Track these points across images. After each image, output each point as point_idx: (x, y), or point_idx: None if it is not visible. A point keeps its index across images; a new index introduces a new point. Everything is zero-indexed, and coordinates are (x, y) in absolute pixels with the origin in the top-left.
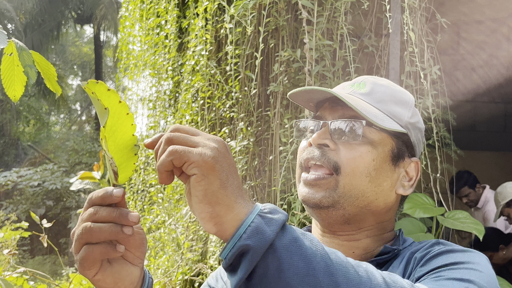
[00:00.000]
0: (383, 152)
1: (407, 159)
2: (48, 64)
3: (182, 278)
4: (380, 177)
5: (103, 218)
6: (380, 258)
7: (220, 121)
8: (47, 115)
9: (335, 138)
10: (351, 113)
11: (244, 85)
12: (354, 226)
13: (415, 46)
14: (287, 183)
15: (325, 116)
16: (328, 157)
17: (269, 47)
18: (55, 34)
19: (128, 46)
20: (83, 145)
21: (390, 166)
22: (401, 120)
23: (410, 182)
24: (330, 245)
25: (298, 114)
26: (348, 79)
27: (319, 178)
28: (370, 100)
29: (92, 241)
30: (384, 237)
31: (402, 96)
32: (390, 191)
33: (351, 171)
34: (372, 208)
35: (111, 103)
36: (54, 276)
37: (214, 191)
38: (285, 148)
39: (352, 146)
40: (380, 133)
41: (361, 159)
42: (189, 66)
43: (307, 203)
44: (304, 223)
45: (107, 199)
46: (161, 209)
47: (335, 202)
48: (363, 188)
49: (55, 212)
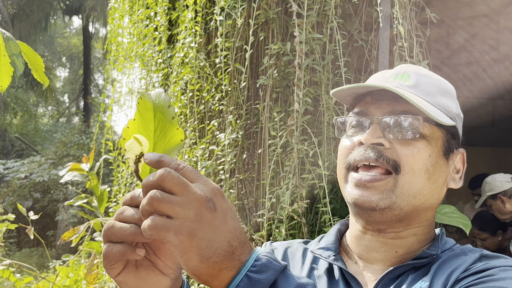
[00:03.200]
0: (436, 147)
1: (455, 151)
2: (35, 54)
3: None
4: (436, 173)
5: (127, 218)
6: (417, 262)
7: (209, 114)
8: (35, 106)
9: (388, 136)
10: (401, 108)
11: (234, 78)
12: (405, 223)
13: (404, 41)
14: (276, 176)
15: (371, 112)
16: (386, 156)
17: (259, 40)
18: (43, 25)
19: (117, 38)
20: (71, 137)
21: (443, 161)
22: (450, 112)
23: (458, 174)
24: (372, 243)
25: (288, 108)
26: (338, 73)
27: (375, 179)
28: (419, 93)
29: (113, 240)
30: (429, 236)
31: (445, 87)
32: (443, 186)
33: (410, 169)
34: (427, 205)
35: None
36: (41, 268)
37: (194, 266)
38: (274, 141)
39: (409, 142)
40: (432, 127)
41: (419, 155)
42: (178, 58)
43: (361, 206)
44: (293, 216)
45: (135, 200)
46: None
47: (392, 204)
48: (421, 186)
49: (42, 204)
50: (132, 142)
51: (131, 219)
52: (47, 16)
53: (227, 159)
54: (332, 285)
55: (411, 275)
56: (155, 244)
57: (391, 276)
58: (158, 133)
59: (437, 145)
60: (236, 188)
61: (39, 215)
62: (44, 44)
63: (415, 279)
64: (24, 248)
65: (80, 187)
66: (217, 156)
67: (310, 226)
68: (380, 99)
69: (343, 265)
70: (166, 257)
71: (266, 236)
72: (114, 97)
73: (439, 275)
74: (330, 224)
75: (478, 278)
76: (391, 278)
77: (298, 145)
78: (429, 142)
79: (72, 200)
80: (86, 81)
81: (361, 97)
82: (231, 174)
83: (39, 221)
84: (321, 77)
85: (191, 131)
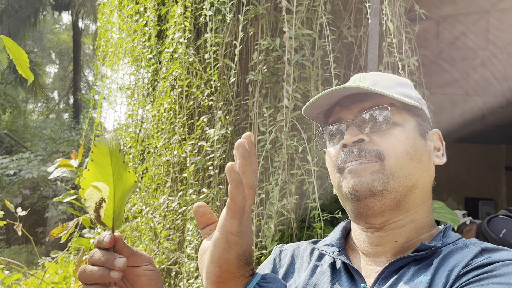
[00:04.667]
0: (411, 129)
1: (429, 132)
2: (20, 49)
3: (159, 267)
4: (418, 152)
5: (96, 261)
6: (416, 254)
7: (199, 109)
8: (24, 103)
9: (365, 131)
10: (368, 104)
11: (223, 74)
12: (403, 210)
13: (393, 37)
14: (265, 172)
15: (343, 117)
16: (367, 149)
17: (249, 35)
18: (32, 21)
19: (107, 33)
20: (61, 133)
21: (421, 141)
22: (412, 98)
23: (440, 151)
24: (372, 239)
25: (277, 104)
26: (327, 69)
27: (363, 162)
28: (379, 88)
29: (87, 282)
30: (427, 223)
31: (402, 80)
32: (429, 164)
33: (393, 154)
34: (420, 185)
35: (115, 153)
36: (30, 265)
37: (228, 259)
38: (263, 137)
39: (385, 132)
40: (401, 114)
41: (397, 140)
42: (168, 54)
43: (359, 194)
44: (282, 212)
45: (101, 244)
46: (138, 198)
47: (386, 185)
48: (408, 167)
49: (31, 201)
50: (91, 190)
51: (98, 262)
52: (37, 12)
53: (217, 155)
54: (335, 279)
55: (413, 268)
56: (131, 277)
57: (392, 269)
58: (116, 176)
59: (411, 128)
60: (225, 184)
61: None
62: (33, 40)
63: (416, 273)
64: (13, 245)
65: (69, 184)
66: (207, 152)
67: (299, 222)
68: (348, 105)
69: (347, 260)
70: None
71: (255, 232)
72: (103, 93)
73: (441, 270)
74: (319, 220)
75: (479, 274)
76: (392, 270)
77: (287, 140)
78: (403, 127)
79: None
80: (76, 77)
81: (331, 110)
82: (220, 170)
83: (29, 218)
84: (311, 73)
85: (180, 126)
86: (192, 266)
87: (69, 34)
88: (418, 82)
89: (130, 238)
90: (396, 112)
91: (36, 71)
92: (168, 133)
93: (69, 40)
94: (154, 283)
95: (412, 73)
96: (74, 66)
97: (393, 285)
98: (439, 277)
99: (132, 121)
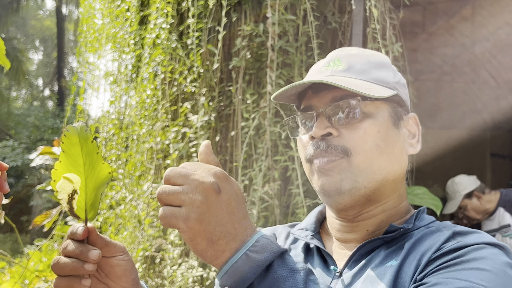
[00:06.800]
0: (384, 121)
1: (405, 117)
2: None
3: (143, 254)
4: (389, 145)
5: (70, 253)
6: (386, 236)
7: (182, 96)
8: (7, 90)
9: (335, 124)
10: (341, 93)
11: (206, 60)
12: (374, 201)
13: (377, 23)
14: (249, 158)
15: (314, 105)
16: (334, 145)
17: (232, 21)
18: (15, 7)
19: (89, 19)
20: (45, 121)
21: (394, 131)
22: (388, 83)
23: (415, 138)
24: (343, 227)
25: (261, 90)
26: (311, 55)
27: (330, 160)
28: (353, 74)
29: (60, 274)
30: (399, 210)
31: (378, 60)
32: (402, 155)
33: (361, 150)
34: (391, 177)
35: (85, 143)
36: (15, 254)
37: (202, 249)
38: (247, 123)
39: (355, 126)
40: (375, 103)
41: (366, 135)
42: (150, 40)
43: (328, 192)
44: (264, 198)
45: (74, 236)
46: (122, 186)
47: (355, 183)
48: (377, 161)
49: (16, 189)
50: (63, 182)
51: (72, 254)
52: None
53: (200, 142)
54: (307, 262)
55: (384, 251)
56: (106, 267)
57: (363, 252)
58: (88, 167)
59: (384, 118)
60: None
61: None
62: (16, 27)
63: (387, 256)
64: None
65: None
66: (190, 139)
67: (283, 208)
68: (320, 91)
69: (319, 244)
70: (118, 278)
71: None
72: (86, 79)
73: (412, 254)
74: (303, 206)
75: (450, 259)
76: (362, 253)
77: (270, 127)
78: (375, 119)
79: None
80: (60, 64)
81: (304, 93)
82: None
83: (14, 206)
84: (294, 59)
85: (163, 113)
86: (176, 252)
87: (53, 20)
88: (402, 69)
89: (114, 225)
90: (369, 103)
91: (19, 58)
92: (152, 119)
93: (53, 26)
94: (129, 273)
95: (396, 59)
96: (58, 53)
97: (363, 268)
98: (409, 262)
99: (115, 107)
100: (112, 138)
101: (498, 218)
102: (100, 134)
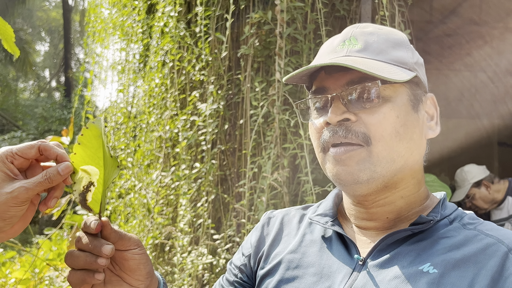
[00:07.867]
0: (403, 104)
1: (424, 98)
2: (5, 24)
3: (152, 243)
4: (408, 131)
5: (83, 246)
6: (415, 227)
7: (190, 84)
8: (15, 81)
9: (352, 108)
10: (358, 75)
11: (215, 48)
12: (391, 188)
13: (386, 10)
14: (258, 146)
15: (328, 87)
16: (354, 131)
17: (240, 8)
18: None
19: (96, 8)
20: (52, 112)
21: (413, 115)
22: (406, 64)
23: (433, 120)
24: (362, 214)
25: (269, 78)
26: (319, 43)
27: (348, 150)
28: (370, 54)
29: (74, 267)
30: (418, 196)
31: (396, 38)
32: (421, 140)
33: (381, 137)
34: (410, 164)
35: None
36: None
37: None
38: (255, 111)
39: (373, 110)
40: (393, 86)
41: (386, 120)
42: (158, 28)
43: (344, 182)
44: (273, 186)
45: (87, 229)
46: (131, 174)
47: (373, 173)
48: (396, 149)
49: None
50: (81, 174)
51: (85, 247)
52: None
53: (209, 130)
54: (326, 248)
55: (413, 246)
56: (120, 260)
57: (389, 242)
58: (105, 160)
59: (403, 102)
60: (218, 158)
61: None
62: (22, 18)
63: (419, 256)
64: None
65: None
66: (199, 127)
67: (292, 195)
68: (334, 72)
69: (340, 230)
70: (132, 271)
71: (247, 205)
72: (93, 69)
73: (457, 269)
74: (312, 193)
75: None
76: (388, 243)
77: (279, 115)
78: (394, 103)
79: None
80: (67, 55)
81: (316, 74)
82: (213, 145)
83: None
84: (303, 47)
85: (172, 101)
86: (186, 240)
87: (59, 11)
88: None
89: (123, 214)
90: (388, 86)
91: (26, 49)
92: (160, 108)
93: (59, 17)
94: (143, 266)
95: None
96: (64, 44)
97: (389, 261)
98: (454, 277)
99: (124, 96)
100: (120, 127)
101: (507, 207)
102: (108, 123)
